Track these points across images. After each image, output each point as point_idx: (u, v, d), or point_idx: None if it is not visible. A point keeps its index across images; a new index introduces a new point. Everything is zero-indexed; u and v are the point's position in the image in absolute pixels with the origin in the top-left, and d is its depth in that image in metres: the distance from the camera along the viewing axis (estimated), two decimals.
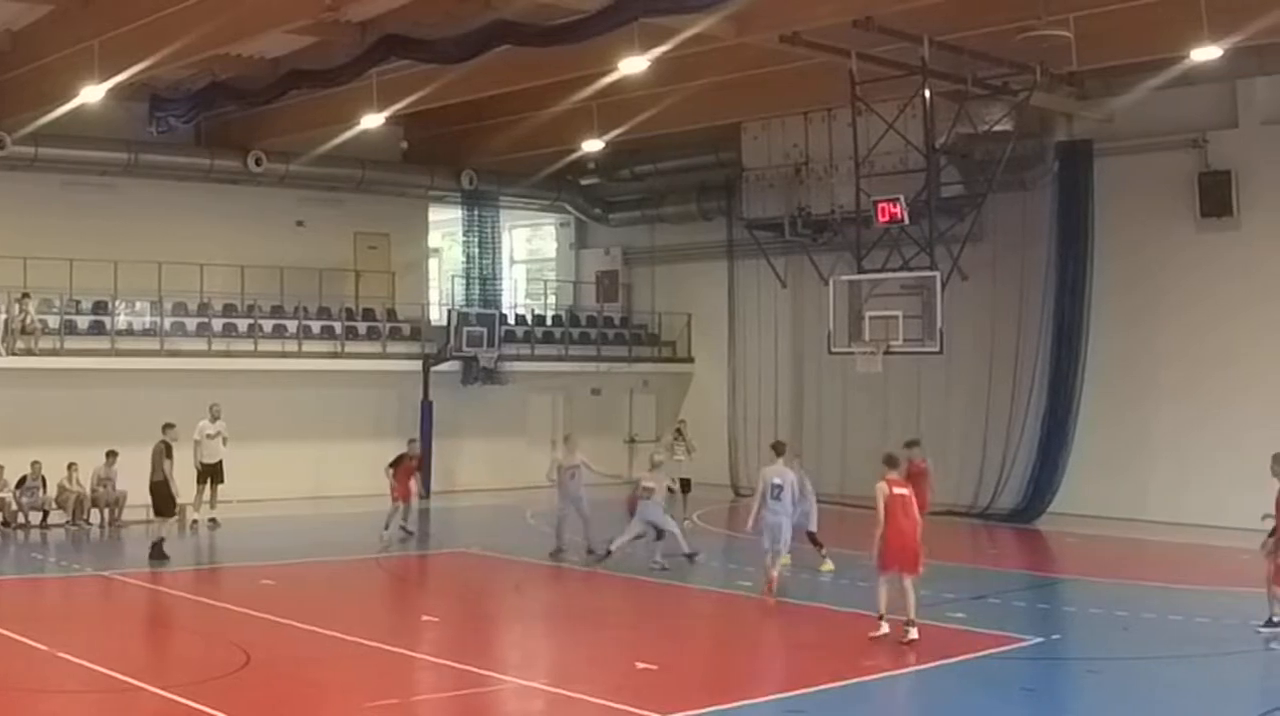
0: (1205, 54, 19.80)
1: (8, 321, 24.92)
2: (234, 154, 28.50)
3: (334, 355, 29.15)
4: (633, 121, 26.31)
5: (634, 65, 20.76)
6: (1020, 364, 26.49)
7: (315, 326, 29.25)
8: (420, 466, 23.95)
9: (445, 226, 35.72)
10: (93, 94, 21.58)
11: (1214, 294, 24.68)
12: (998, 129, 23.97)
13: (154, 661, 14.44)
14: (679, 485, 23.98)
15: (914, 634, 14.15)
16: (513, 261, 38.44)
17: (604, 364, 33.06)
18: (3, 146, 25.39)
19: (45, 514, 24.00)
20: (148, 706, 11.97)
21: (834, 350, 24.12)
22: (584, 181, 34.17)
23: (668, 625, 16.59)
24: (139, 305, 27.31)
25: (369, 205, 31.29)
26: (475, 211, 33.36)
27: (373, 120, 24.77)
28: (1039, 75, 22.36)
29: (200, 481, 24.16)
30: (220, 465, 24.47)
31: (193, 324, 27.65)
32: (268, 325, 28.55)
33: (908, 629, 14.18)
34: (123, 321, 26.94)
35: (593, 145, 28.49)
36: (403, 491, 22.80)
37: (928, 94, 21.99)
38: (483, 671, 13.46)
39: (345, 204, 31.00)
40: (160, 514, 20.36)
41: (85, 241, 26.16)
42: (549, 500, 22.64)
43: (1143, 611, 16.38)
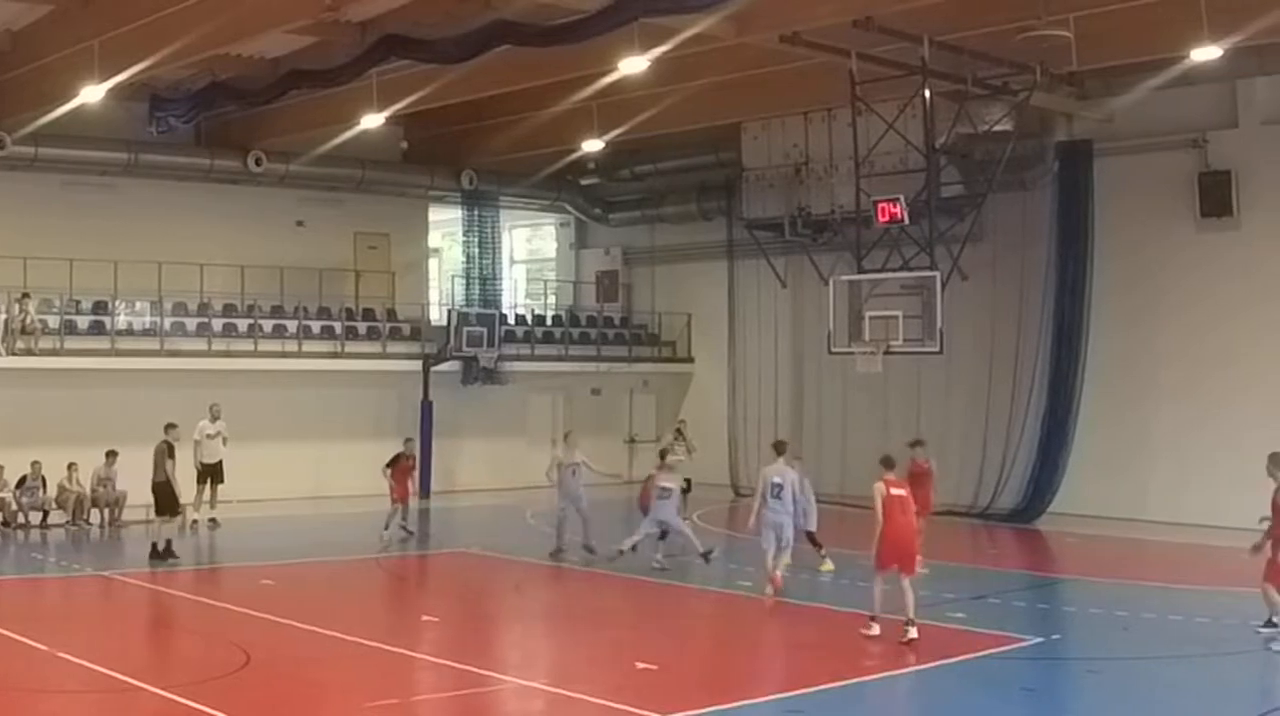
0: (1205, 54, 19.80)
1: (8, 321, 24.92)
2: (234, 154, 28.51)
3: (334, 355, 29.15)
4: (633, 121, 26.31)
5: (634, 65, 20.76)
6: (1020, 364, 26.49)
7: (315, 326, 29.25)
8: (415, 466, 23.93)
9: (445, 226, 35.72)
10: (93, 94, 21.59)
11: (1214, 294, 24.68)
12: (998, 129, 23.97)
13: (154, 661, 14.45)
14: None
15: (913, 633, 14.15)
16: (513, 261, 38.44)
17: (604, 364, 33.06)
18: (3, 146, 25.40)
19: (45, 514, 24.00)
20: (148, 706, 11.97)
21: (834, 350, 24.12)
22: (584, 181, 34.16)
23: (668, 625, 16.57)
24: (139, 305, 27.31)
25: (369, 205, 31.30)
26: (475, 211, 33.36)
27: (373, 120, 24.78)
28: (1039, 75, 22.36)
29: (200, 481, 24.14)
30: (220, 465, 24.46)
31: (193, 324, 27.65)
32: (268, 325, 28.55)
33: (907, 628, 14.19)
34: (123, 321, 26.95)
35: (593, 145, 28.48)
36: (401, 492, 22.81)
37: (928, 94, 21.99)
38: (483, 671, 13.45)
39: (345, 204, 31.01)
40: (163, 514, 20.36)
41: (85, 241, 26.18)
42: (549, 500, 22.63)
43: (1143, 611, 16.39)
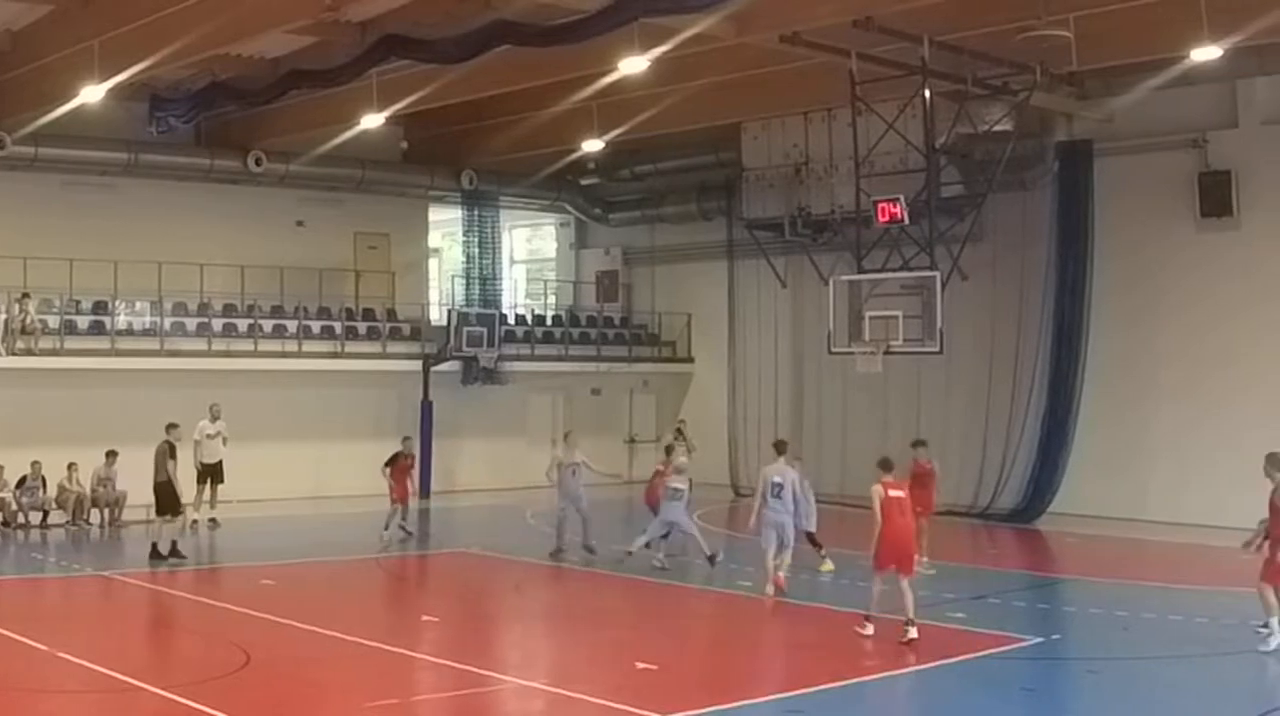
0: (1205, 54, 19.80)
1: (8, 321, 24.92)
2: (234, 154, 28.50)
3: (334, 355, 29.15)
4: (633, 121, 26.31)
5: (634, 65, 20.76)
6: (1020, 364, 26.49)
7: (315, 326, 29.25)
8: (413, 464, 23.92)
9: (445, 226, 35.73)
10: (93, 94, 21.58)
11: (1214, 294, 24.68)
12: (998, 129, 23.97)
13: (154, 661, 14.45)
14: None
15: (913, 633, 14.15)
16: (513, 261, 38.45)
17: (604, 364, 33.06)
18: (3, 146, 25.40)
19: (45, 514, 24.00)
20: (148, 706, 11.97)
21: (834, 350, 24.12)
22: (584, 181, 34.17)
23: (668, 625, 16.57)
24: (139, 305, 27.31)
25: (369, 205, 31.30)
26: (475, 211, 33.36)
27: (373, 120, 24.78)
28: (1039, 75, 22.36)
29: (200, 481, 24.12)
30: (220, 465, 24.44)
31: (193, 324, 27.65)
32: (268, 325, 28.55)
33: (907, 628, 14.19)
34: (123, 321, 26.95)
35: (593, 145, 28.48)
36: (401, 492, 22.79)
37: (928, 94, 21.99)
38: (483, 671, 13.46)
39: (345, 204, 31.01)
40: (164, 513, 20.34)
41: (85, 241, 26.18)
42: (549, 500, 22.63)
43: (1142, 611, 16.39)
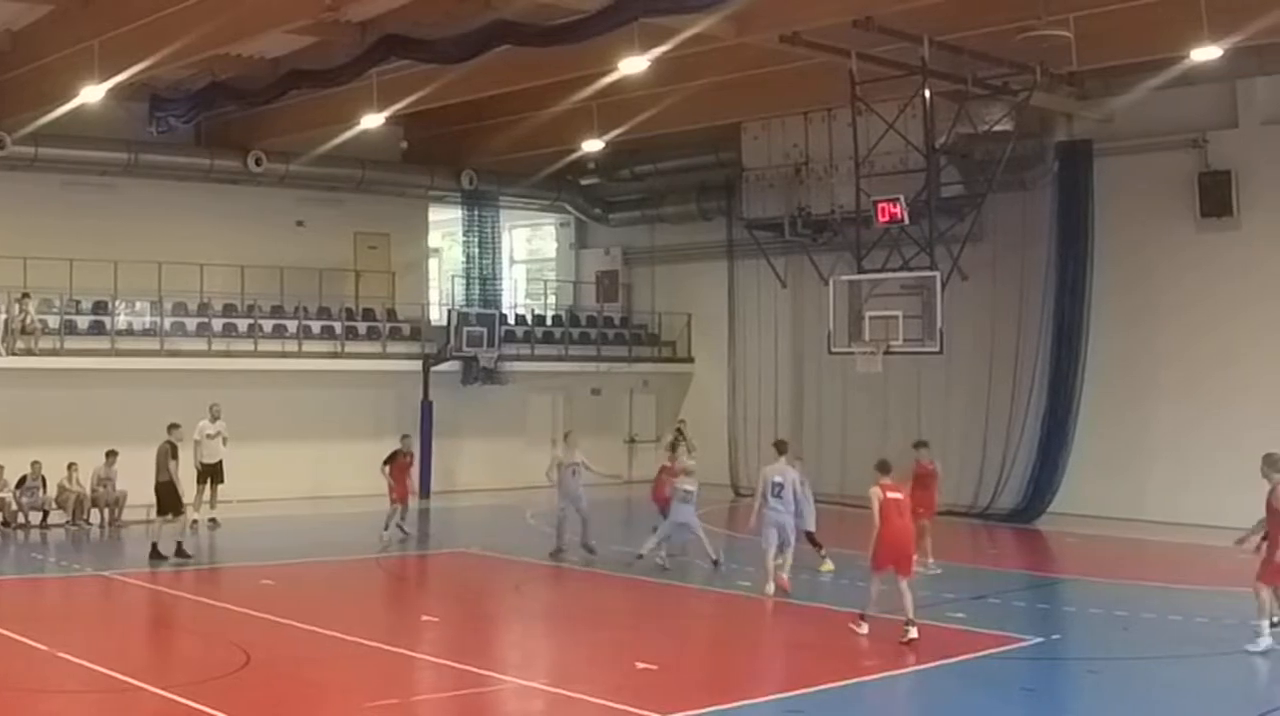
0: (1205, 54, 19.80)
1: (8, 321, 24.92)
2: (234, 154, 28.51)
3: (334, 355, 29.15)
4: (633, 121, 26.31)
5: (634, 65, 20.75)
6: (1020, 364, 26.50)
7: (315, 326, 29.25)
8: (413, 462, 23.90)
9: (445, 226, 35.73)
10: (93, 94, 21.58)
11: (1214, 294, 24.68)
12: (998, 129, 23.99)
13: (154, 661, 14.45)
14: None
15: (913, 633, 14.15)
16: (513, 261, 38.45)
17: (604, 364, 33.06)
18: (3, 146, 25.40)
19: (45, 514, 24.00)
20: (148, 706, 11.97)
21: (834, 350, 24.12)
22: (584, 181, 34.17)
23: (668, 625, 16.57)
24: (139, 305, 27.31)
25: (369, 205, 31.30)
26: (475, 211, 33.36)
27: (373, 120, 24.78)
28: (1039, 75, 22.37)
29: (200, 481, 24.11)
30: (220, 465, 24.44)
31: (193, 324, 27.65)
32: (268, 325, 28.54)
33: (907, 629, 14.19)
34: (123, 321, 26.94)
35: (593, 145, 28.49)
36: (400, 491, 22.77)
37: (928, 94, 22.00)
38: (483, 671, 13.46)
39: (345, 204, 31.01)
40: (165, 513, 20.33)
41: (85, 241, 26.18)
42: (549, 500, 22.63)
43: (1142, 611, 16.40)
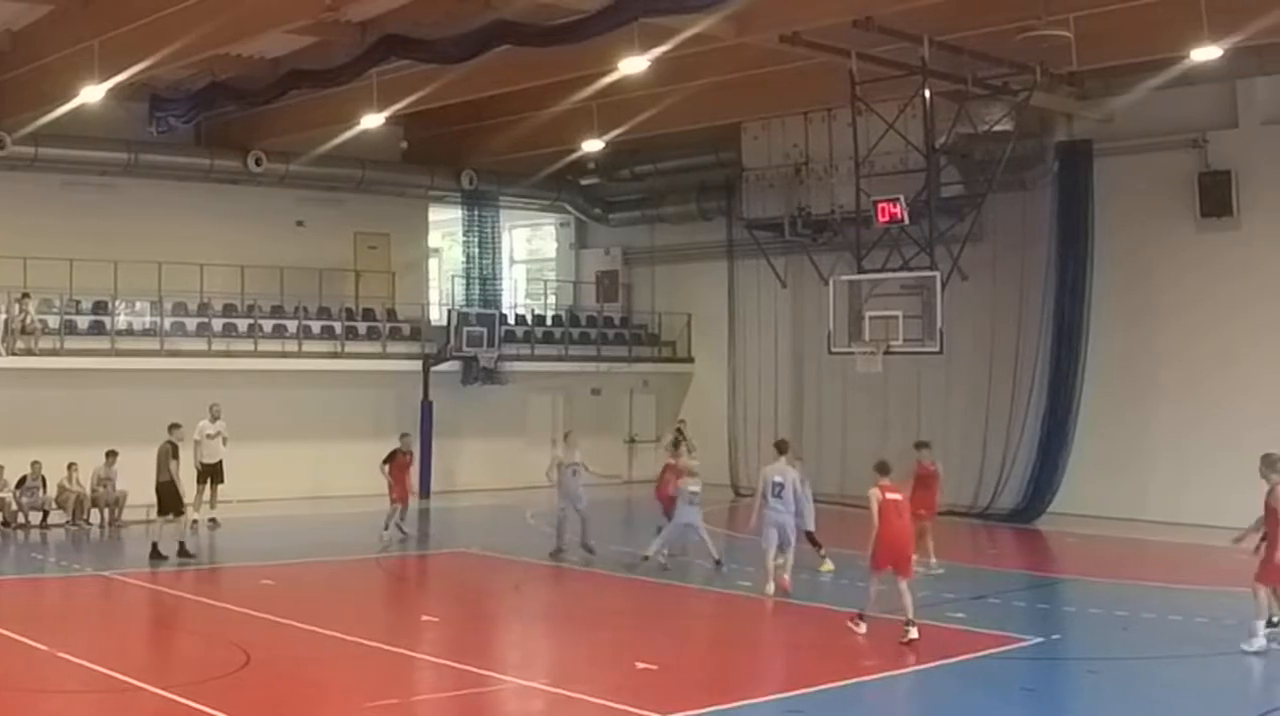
0: (1205, 54, 19.80)
1: (8, 321, 24.93)
2: (234, 154, 28.51)
3: (334, 355, 29.14)
4: (633, 121, 26.31)
5: (634, 65, 20.75)
6: (1020, 364, 26.49)
7: (315, 326, 29.25)
8: (412, 460, 23.89)
9: (445, 226, 35.73)
10: (93, 94, 21.59)
11: (1214, 294, 24.68)
12: (998, 129, 23.99)
13: (154, 661, 14.45)
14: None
15: (914, 633, 14.15)
16: (512, 261, 38.45)
17: (604, 364, 33.05)
18: (3, 146, 25.41)
19: (45, 514, 24.00)
20: (148, 706, 11.97)
21: (834, 350, 24.12)
22: (584, 181, 34.16)
23: (668, 625, 16.56)
24: (139, 305, 27.31)
25: (369, 205, 31.30)
26: (475, 211, 33.36)
27: (373, 120, 24.78)
28: (1039, 75, 22.37)
29: (200, 481, 24.09)
30: (220, 465, 24.43)
31: (193, 324, 27.65)
32: (268, 325, 28.55)
33: (907, 629, 14.19)
34: (123, 321, 26.95)
35: (593, 145, 28.49)
36: (400, 491, 22.77)
37: (928, 94, 22.00)
38: (482, 671, 13.45)
39: (345, 204, 31.01)
40: (166, 513, 20.32)
41: (85, 241, 26.19)
42: (549, 500, 22.62)
43: (1142, 611, 16.40)
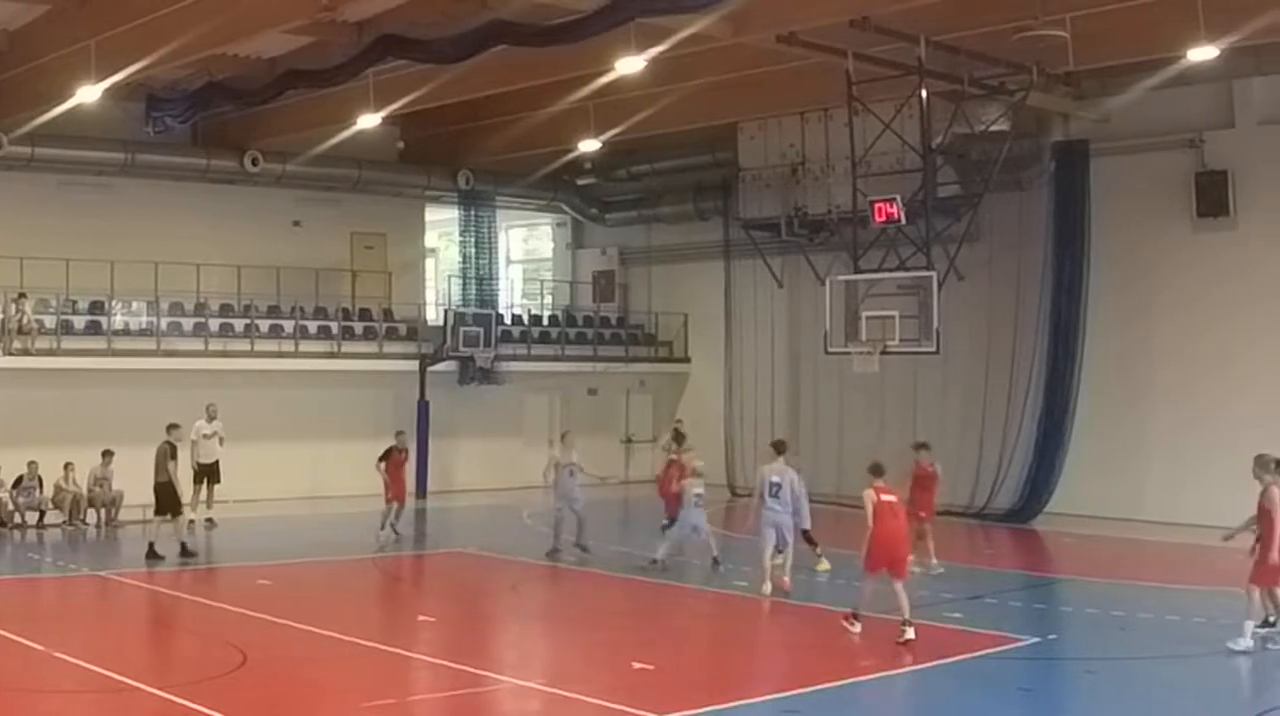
0: (1202, 54, 19.81)
1: (4, 321, 24.91)
2: (230, 154, 28.49)
3: (330, 355, 29.12)
4: (629, 121, 26.30)
5: (631, 65, 20.75)
6: (1017, 364, 26.50)
7: (312, 326, 29.23)
8: (408, 457, 23.90)
9: (442, 226, 35.73)
10: (89, 94, 21.57)
11: (1210, 294, 24.70)
12: (994, 129, 24.01)
13: (151, 661, 14.44)
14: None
15: (910, 633, 14.16)
16: (509, 261, 38.44)
17: (600, 364, 33.05)
18: (0, 146, 25.39)
19: (42, 514, 23.98)
20: (144, 706, 11.96)
21: (830, 350, 24.09)
22: (580, 181, 34.16)
23: (664, 625, 16.58)
24: (135, 305, 27.28)
25: (365, 205, 31.28)
26: (472, 211, 33.34)
27: (369, 120, 24.76)
28: (1035, 75, 22.38)
29: (197, 481, 24.04)
30: (217, 465, 24.39)
31: (189, 324, 27.62)
32: (264, 325, 28.53)
33: (904, 628, 14.21)
34: (119, 321, 26.90)
35: (589, 145, 28.48)
36: (397, 490, 22.74)
37: (924, 94, 21.99)
38: (479, 671, 13.45)
39: (342, 204, 31.00)
40: (163, 513, 20.31)
41: (82, 241, 26.16)
42: (545, 500, 22.62)
43: (1139, 611, 16.41)
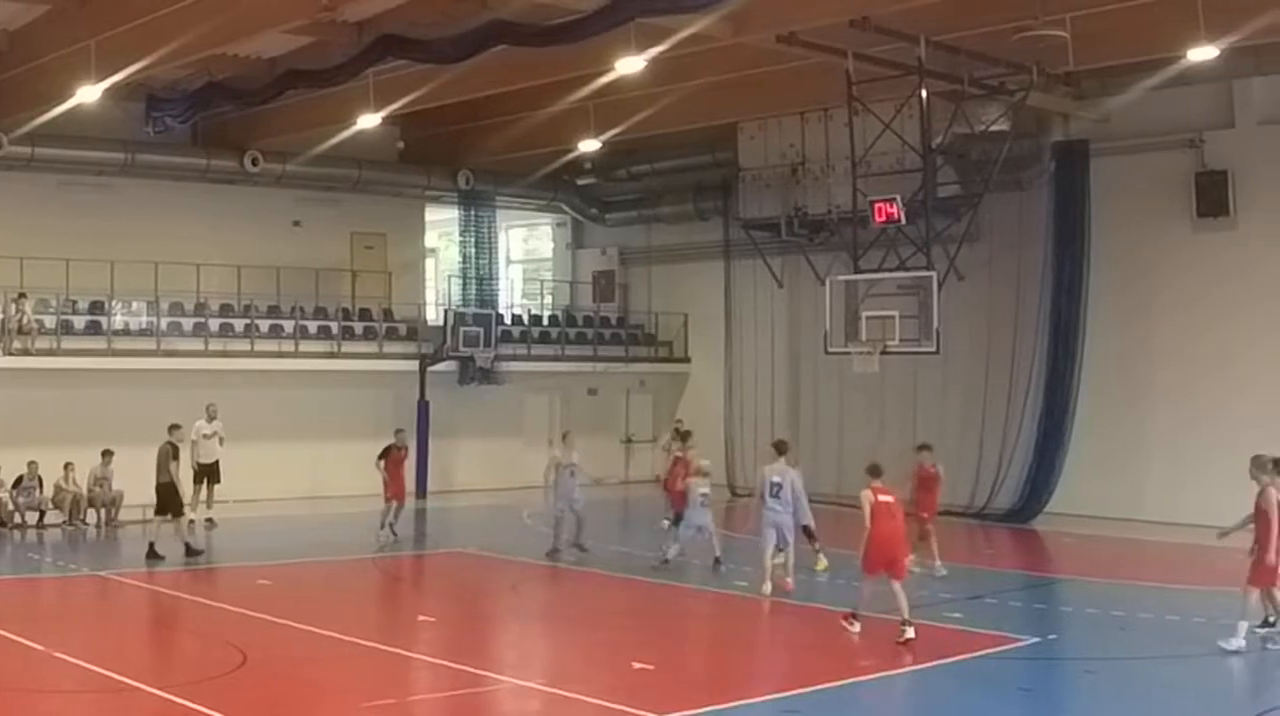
0: (1202, 54, 19.81)
1: (4, 321, 24.91)
2: (230, 154, 28.49)
3: (330, 355, 29.12)
4: (629, 121, 26.30)
5: (631, 65, 20.75)
6: (1017, 364, 26.50)
7: (312, 326, 29.23)
8: (407, 455, 23.89)
9: (442, 226, 35.73)
10: (89, 94, 21.57)
11: (1210, 294, 24.70)
12: (994, 129, 24.01)
13: (151, 661, 14.44)
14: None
15: (910, 633, 14.17)
16: (509, 261, 38.45)
17: (600, 364, 33.05)
18: (0, 146, 25.39)
19: (42, 514, 23.98)
20: (144, 706, 11.96)
21: (830, 350, 24.08)
22: (580, 181, 34.16)
23: (664, 625, 16.58)
24: (135, 305, 27.28)
25: (365, 205, 31.29)
26: (472, 211, 33.35)
27: (369, 120, 24.76)
28: (1035, 75, 22.38)
29: (197, 481, 24.03)
30: (217, 465, 24.39)
31: (189, 324, 27.63)
32: (264, 325, 28.53)
33: (904, 628, 14.21)
34: (119, 321, 26.91)
35: (589, 145, 28.48)
36: (396, 488, 22.74)
37: (924, 94, 21.99)
38: (479, 671, 13.45)
39: (342, 204, 31.01)
40: (164, 513, 20.32)
41: (82, 241, 26.17)
42: (545, 500, 22.62)
43: (1139, 611, 16.42)
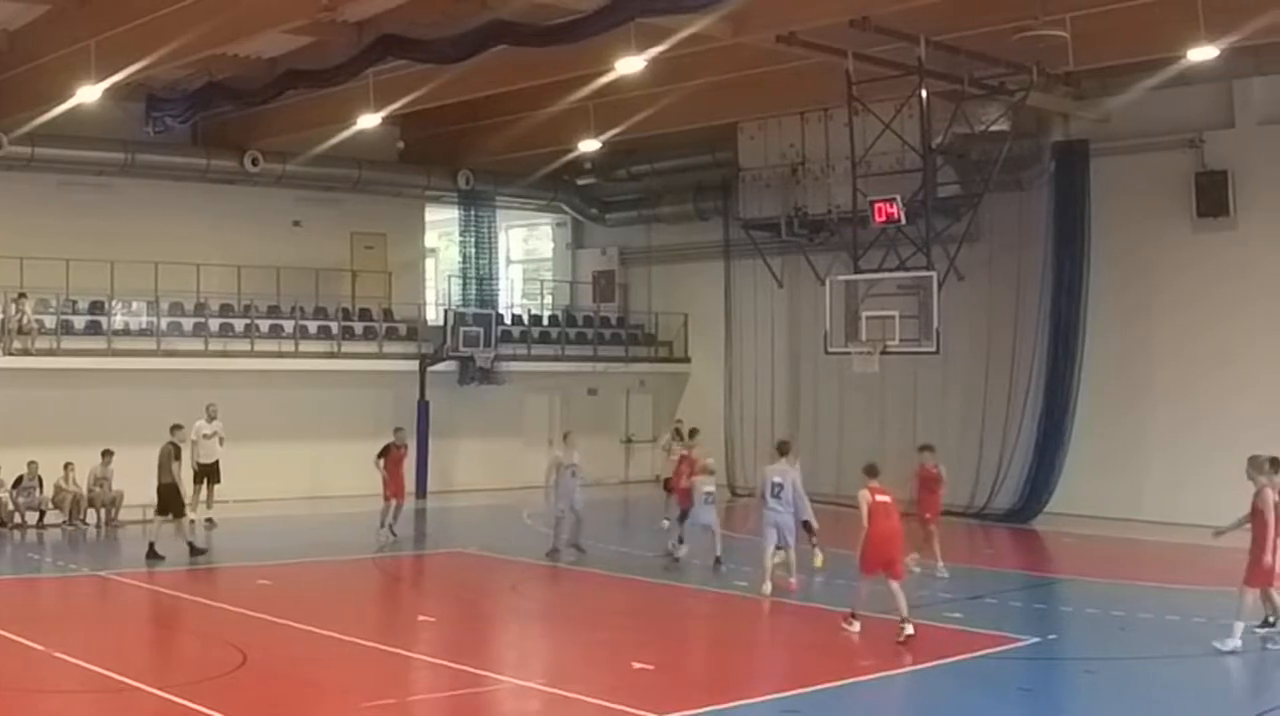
0: (1202, 54, 19.81)
1: (4, 321, 24.91)
2: (230, 154, 28.49)
3: (330, 355, 29.12)
4: (629, 121, 26.30)
5: (631, 65, 20.75)
6: (1017, 364, 26.50)
7: (312, 326, 29.23)
8: (406, 453, 23.90)
9: (442, 226, 35.74)
10: (89, 94, 21.58)
11: (1210, 294, 24.70)
12: (994, 129, 24.01)
13: (151, 661, 14.44)
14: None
15: (909, 629, 14.19)
16: (509, 261, 38.45)
17: (600, 364, 33.05)
18: (0, 146, 25.39)
19: (42, 514, 23.98)
20: (144, 706, 11.96)
21: (830, 350, 24.08)
22: (580, 181, 34.17)
23: (664, 625, 16.59)
24: (135, 305, 27.28)
25: (365, 205, 31.29)
26: (472, 211, 33.35)
27: (369, 120, 24.77)
28: (1035, 75, 22.38)
29: (197, 481, 24.05)
30: (217, 465, 24.40)
31: (189, 324, 27.63)
32: (264, 325, 28.53)
33: (903, 626, 14.22)
34: (119, 321, 26.91)
35: (589, 145, 28.48)
36: (395, 488, 22.75)
37: (924, 94, 21.99)
38: (479, 671, 13.45)
39: (342, 204, 31.01)
40: (165, 513, 20.32)
41: (82, 241, 26.17)
42: (546, 500, 22.59)
43: (1139, 611, 16.42)
